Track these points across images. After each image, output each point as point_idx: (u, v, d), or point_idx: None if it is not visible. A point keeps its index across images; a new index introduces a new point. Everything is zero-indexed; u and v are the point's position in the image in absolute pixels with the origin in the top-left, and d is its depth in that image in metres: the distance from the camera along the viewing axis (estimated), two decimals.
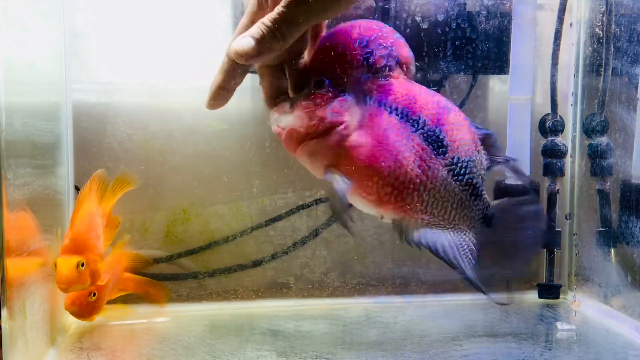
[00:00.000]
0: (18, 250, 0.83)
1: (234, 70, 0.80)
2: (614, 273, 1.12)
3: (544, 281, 1.24)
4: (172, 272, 1.20)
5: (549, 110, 1.21)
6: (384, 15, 1.13)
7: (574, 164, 1.24)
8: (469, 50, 1.16)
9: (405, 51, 0.80)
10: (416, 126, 0.77)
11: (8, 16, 0.82)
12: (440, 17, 1.14)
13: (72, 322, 1.07)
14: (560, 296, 1.23)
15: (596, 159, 1.16)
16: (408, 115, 0.77)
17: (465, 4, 1.16)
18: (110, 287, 1.06)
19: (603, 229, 1.15)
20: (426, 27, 1.14)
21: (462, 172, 0.79)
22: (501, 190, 1.21)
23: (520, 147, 1.20)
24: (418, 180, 0.77)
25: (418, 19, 1.13)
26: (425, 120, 0.77)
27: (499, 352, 0.96)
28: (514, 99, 1.20)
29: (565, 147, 1.20)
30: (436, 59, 1.16)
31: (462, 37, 1.15)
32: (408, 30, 1.13)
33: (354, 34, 0.78)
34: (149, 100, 1.17)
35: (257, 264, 1.22)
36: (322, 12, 0.75)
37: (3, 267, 0.77)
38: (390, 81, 0.78)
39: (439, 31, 1.15)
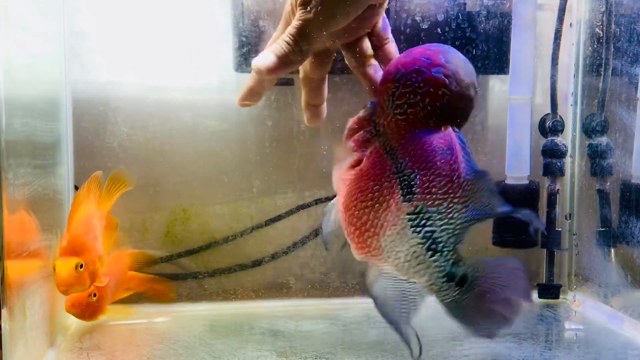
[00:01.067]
0: (18, 251, 0.83)
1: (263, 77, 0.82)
2: (614, 273, 1.12)
3: (544, 281, 1.24)
4: (172, 272, 1.20)
5: (549, 110, 1.21)
6: None
7: (574, 164, 1.24)
8: (469, 50, 1.16)
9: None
10: (398, 167, 0.73)
11: (8, 16, 0.82)
12: (440, 17, 1.14)
13: (72, 322, 1.07)
14: (560, 296, 1.23)
15: (596, 159, 1.16)
16: (395, 154, 0.74)
17: (465, 4, 1.16)
18: (113, 287, 1.06)
19: (603, 229, 1.15)
20: (426, 27, 1.14)
21: (421, 223, 0.73)
22: (501, 189, 1.21)
23: (520, 147, 1.20)
24: (379, 223, 0.75)
25: (418, 19, 1.13)
26: (407, 163, 0.73)
27: (499, 352, 0.96)
28: (514, 99, 1.20)
29: (565, 147, 1.20)
30: None
31: (462, 37, 1.15)
32: (408, 30, 1.13)
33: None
34: (149, 100, 1.17)
35: (257, 264, 1.22)
36: (338, 17, 0.76)
37: (3, 268, 0.77)
38: None
39: (439, 31, 1.15)
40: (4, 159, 0.77)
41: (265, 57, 0.77)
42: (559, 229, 1.21)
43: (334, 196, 0.79)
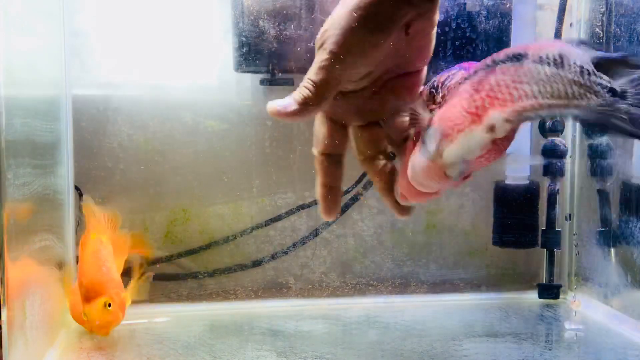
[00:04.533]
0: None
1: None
2: (614, 273, 1.12)
3: (544, 281, 1.24)
4: (172, 272, 1.20)
5: None
6: None
7: (574, 164, 1.24)
8: (469, 50, 1.16)
9: None
10: None
11: (8, 16, 0.82)
12: (440, 17, 1.14)
13: (72, 322, 1.07)
14: (560, 296, 1.23)
15: (596, 159, 1.16)
16: None
17: (465, 4, 1.15)
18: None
19: (603, 229, 1.15)
20: None
21: None
22: (501, 190, 1.21)
23: (520, 147, 1.20)
24: None
25: None
26: None
27: (499, 352, 0.96)
28: None
29: (565, 147, 1.20)
30: (436, 59, 1.15)
31: (461, 37, 1.15)
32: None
33: None
34: (149, 100, 1.17)
35: (257, 264, 1.22)
36: (357, 52, 0.63)
37: (3, 267, 0.77)
38: None
39: (439, 31, 1.14)
40: (4, 159, 0.77)
41: (285, 102, 0.66)
42: (559, 229, 1.22)
43: None
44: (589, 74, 0.56)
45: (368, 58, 0.65)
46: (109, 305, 0.95)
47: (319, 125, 0.72)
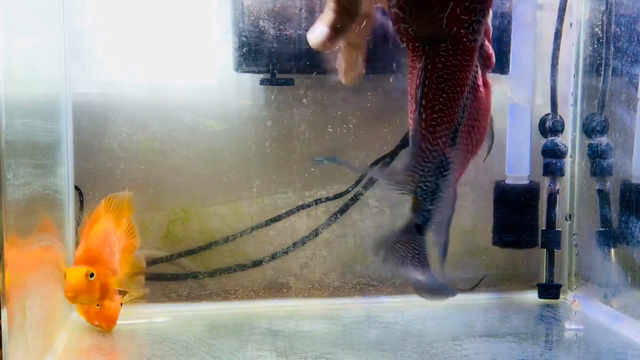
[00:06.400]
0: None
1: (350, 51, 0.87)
2: (614, 273, 1.12)
3: (544, 281, 1.24)
4: (172, 272, 1.20)
5: (549, 110, 1.21)
6: (383, 13, 1.12)
7: (574, 164, 1.24)
8: None
9: None
10: None
11: (8, 16, 0.82)
12: None
13: (73, 322, 1.07)
14: (560, 296, 1.23)
15: (596, 159, 1.16)
16: None
17: None
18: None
19: (603, 229, 1.15)
20: None
21: None
22: (501, 190, 1.21)
23: (520, 147, 1.20)
24: None
25: None
26: None
27: (499, 352, 0.96)
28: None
29: (565, 147, 1.20)
30: None
31: None
32: None
33: None
34: (149, 100, 1.17)
35: (257, 264, 1.22)
36: None
37: (3, 267, 0.77)
38: None
39: None
40: (4, 159, 0.77)
41: (317, 30, 0.80)
42: (559, 229, 1.22)
43: (334, 196, 0.79)
44: None
45: None
46: (91, 275, 0.92)
47: None
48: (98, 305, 1.02)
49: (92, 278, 0.92)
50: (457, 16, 0.79)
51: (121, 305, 1.05)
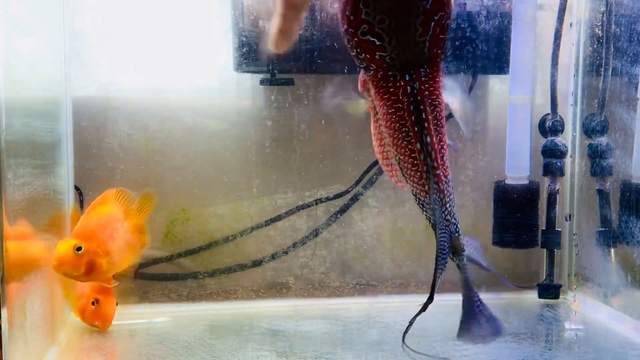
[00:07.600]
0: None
1: (291, 13, 0.84)
2: (614, 273, 1.12)
3: (544, 281, 1.24)
4: (172, 272, 1.20)
5: (549, 110, 1.21)
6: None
7: (574, 164, 1.24)
8: (469, 50, 1.16)
9: None
10: None
11: (8, 16, 0.82)
12: None
13: (72, 322, 1.07)
14: (560, 296, 1.23)
15: (596, 159, 1.16)
16: None
17: (465, 4, 1.16)
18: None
19: (603, 229, 1.15)
20: None
21: None
22: (501, 189, 1.21)
23: (520, 147, 1.20)
24: None
25: None
26: None
27: (499, 352, 0.96)
28: (514, 99, 1.20)
29: (565, 147, 1.20)
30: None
31: (462, 37, 1.15)
32: None
33: None
34: (149, 100, 1.17)
35: (257, 264, 1.22)
36: None
37: (3, 267, 0.77)
38: None
39: None
40: (4, 159, 0.77)
41: (271, 38, 0.82)
42: (559, 229, 1.22)
43: (334, 196, 0.79)
44: None
45: None
46: (79, 249, 0.91)
47: None
48: (93, 304, 1.02)
49: (80, 252, 0.91)
50: (436, 37, 0.77)
51: (116, 304, 1.05)
